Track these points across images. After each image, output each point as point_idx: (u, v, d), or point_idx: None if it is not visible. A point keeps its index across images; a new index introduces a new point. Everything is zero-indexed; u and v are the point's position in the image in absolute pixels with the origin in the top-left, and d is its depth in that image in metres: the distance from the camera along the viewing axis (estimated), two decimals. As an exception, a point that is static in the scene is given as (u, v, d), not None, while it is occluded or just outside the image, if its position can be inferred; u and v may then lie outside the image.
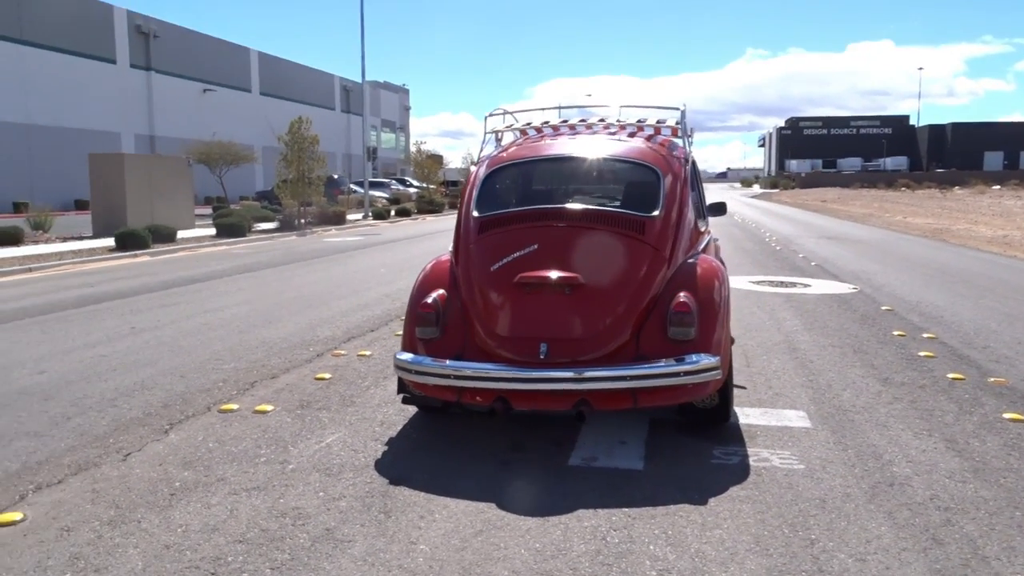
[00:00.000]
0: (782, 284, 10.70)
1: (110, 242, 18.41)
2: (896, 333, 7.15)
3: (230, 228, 21.94)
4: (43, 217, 20.93)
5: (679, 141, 5.35)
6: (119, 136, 44.03)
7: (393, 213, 33.31)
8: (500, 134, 5.64)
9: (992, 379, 5.53)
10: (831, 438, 4.32)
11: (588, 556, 2.95)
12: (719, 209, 6.10)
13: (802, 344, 6.73)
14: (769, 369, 5.86)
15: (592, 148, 4.98)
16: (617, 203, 4.71)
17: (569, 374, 3.86)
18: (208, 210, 32.51)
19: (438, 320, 4.22)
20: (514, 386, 3.93)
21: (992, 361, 6.07)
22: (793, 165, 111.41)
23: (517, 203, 4.62)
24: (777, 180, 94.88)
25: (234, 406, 5.05)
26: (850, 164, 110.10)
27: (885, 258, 14.31)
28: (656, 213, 4.44)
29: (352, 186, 45.28)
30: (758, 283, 10.77)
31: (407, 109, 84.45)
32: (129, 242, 17.93)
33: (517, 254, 4.25)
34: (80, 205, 35.42)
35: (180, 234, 21.23)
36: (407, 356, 4.19)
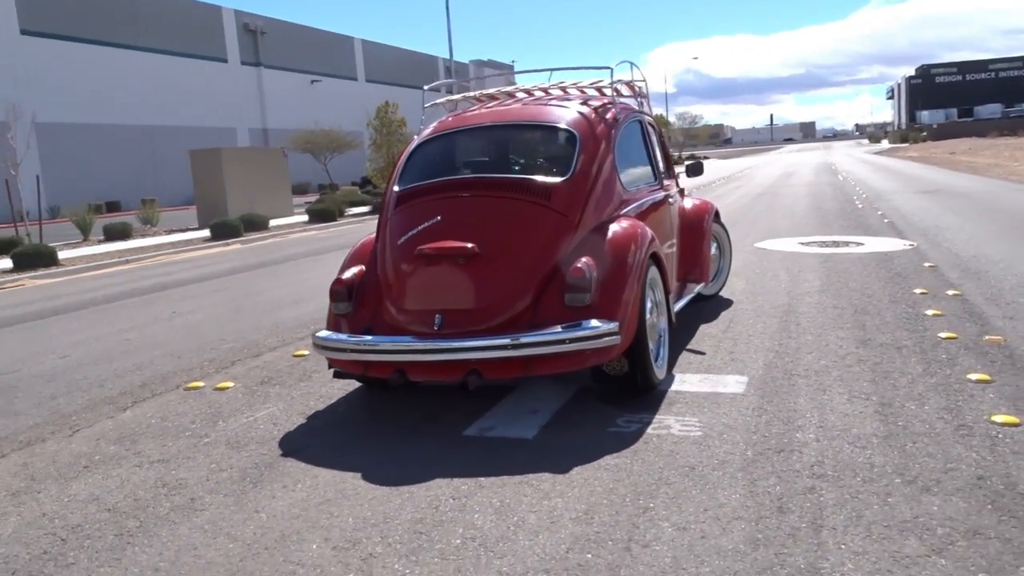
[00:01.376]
0: (834, 244, 10.20)
1: (207, 233, 19.47)
2: (918, 291, 6.73)
3: (321, 214, 22.75)
4: (151, 213, 22.33)
5: (631, 101, 5.24)
6: (235, 131, 46.24)
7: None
8: (456, 105, 5.65)
9: (988, 337, 5.14)
10: (754, 403, 4.14)
11: (408, 525, 2.97)
12: (695, 169, 5.93)
13: (803, 307, 6.43)
14: (745, 333, 5.64)
15: (514, 115, 4.93)
16: (531, 168, 4.63)
17: (455, 344, 3.87)
18: (315, 197, 33.73)
19: (350, 296, 4.31)
20: (407, 357, 3.97)
21: (1007, 318, 5.63)
22: (925, 116, 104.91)
23: (432, 175, 4.63)
24: (907, 133, 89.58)
25: (200, 384, 5.31)
26: (989, 111, 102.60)
27: (973, 212, 13.36)
28: (566, 177, 4.36)
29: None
30: (807, 244, 10.32)
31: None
32: (222, 232, 18.91)
33: (422, 226, 4.27)
34: (110, 207, 37.74)
35: (275, 222, 22.21)
36: (323, 332, 4.30)
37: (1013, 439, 3.46)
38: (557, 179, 4.37)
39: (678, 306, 5.40)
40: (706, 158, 28.90)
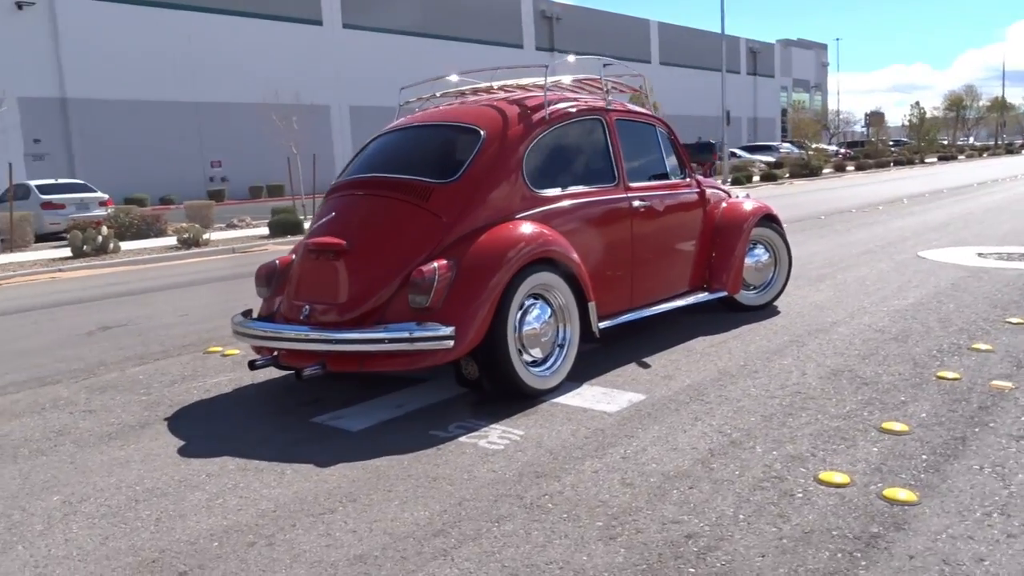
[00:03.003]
0: (1020, 257, 8.70)
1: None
2: (1012, 320, 5.67)
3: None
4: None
5: (592, 98, 5.12)
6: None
7: (757, 179, 32.16)
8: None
9: (997, 383, 4.30)
10: (606, 425, 3.90)
11: (110, 496, 3.32)
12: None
13: (860, 325, 5.70)
14: (720, 351, 5.19)
15: (443, 115, 4.96)
16: (428, 168, 4.63)
17: (300, 334, 4.10)
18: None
19: (269, 282, 4.69)
20: (275, 344, 4.28)
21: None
22: None
23: (351, 173, 4.82)
24: None
25: (218, 348, 6.02)
26: None
27: None
28: (452, 179, 4.37)
29: (737, 151, 44.39)
30: (988, 254, 8.90)
31: (824, 66, 79.19)
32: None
33: (320, 221, 4.54)
34: None
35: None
36: (237, 316, 4.73)
37: None
38: (442, 180, 4.40)
39: (667, 307, 5.27)
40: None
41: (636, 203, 5.11)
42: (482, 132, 4.56)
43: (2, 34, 29.44)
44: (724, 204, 6.16)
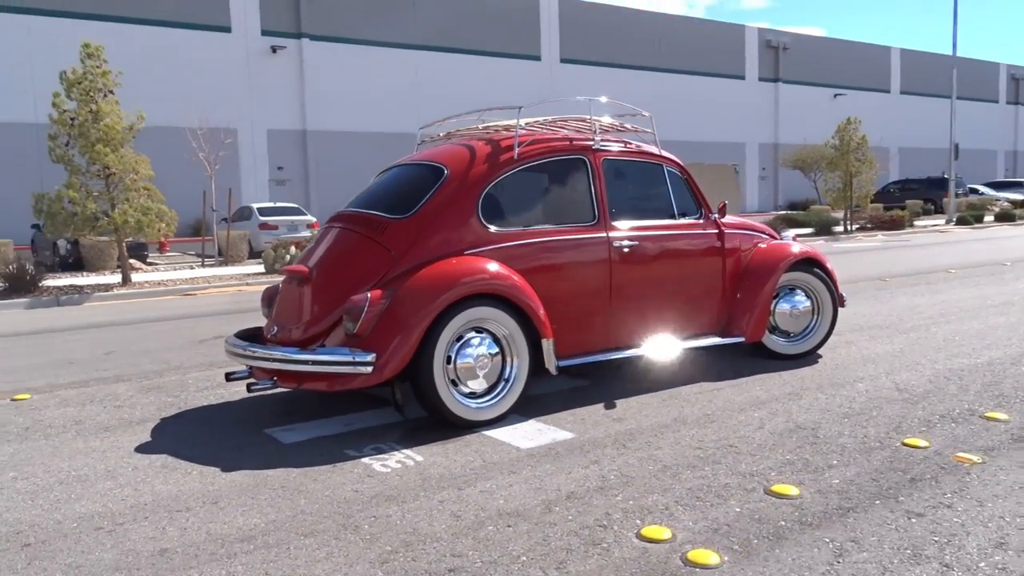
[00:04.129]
0: None
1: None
2: (1077, 390, 5.00)
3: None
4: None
5: (580, 137, 5.20)
6: (743, 146, 47.21)
7: (990, 218, 29.15)
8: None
9: (964, 455, 3.90)
10: (510, 459, 3.98)
11: (47, 478, 3.90)
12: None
13: (886, 382, 5.27)
14: (720, 399, 5.01)
15: (427, 154, 5.20)
16: (396, 204, 4.87)
17: (256, 351, 4.54)
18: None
19: (270, 304, 5.19)
20: (243, 360, 4.74)
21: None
22: None
23: (346, 206, 5.19)
24: None
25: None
26: None
27: None
28: (408, 215, 4.64)
29: (981, 188, 40.49)
30: None
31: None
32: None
33: (306, 249, 4.98)
34: None
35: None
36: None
37: None
38: (398, 216, 4.68)
39: (675, 348, 5.31)
40: None
41: (619, 243, 5.08)
42: (446, 171, 4.80)
43: (258, 74, 33.36)
44: (761, 246, 5.91)
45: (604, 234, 5.04)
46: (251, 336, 4.94)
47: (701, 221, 5.62)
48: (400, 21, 36.48)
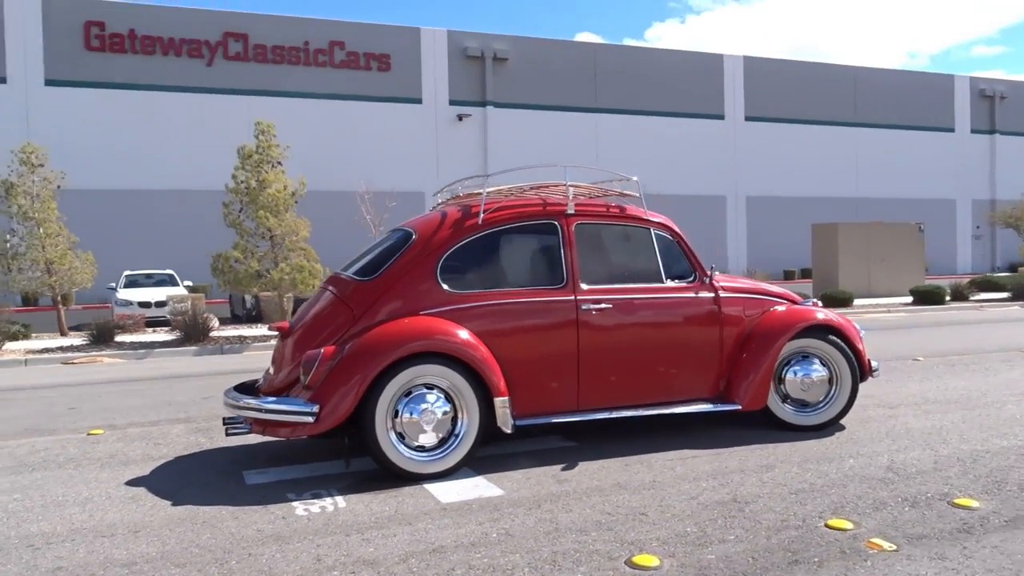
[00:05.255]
0: None
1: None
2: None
3: (924, 295, 21.01)
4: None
5: (556, 202, 5.34)
6: (953, 203, 43.82)
7: None
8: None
9: (877, 540, 3.65)
10: (423, 511, 4.17)
11: (36, 502, 4.53)
12: None
13: (879, 461, 4.93)
14: (680, 469, 4.90)
15: (411, 220, 5.49)
16: (373, 266, 5.17)
17: (235, 400, 5.00)
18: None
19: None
20: (228, 407, 5.17)
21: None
22: None
23: (340, 269, 5.59)
24: None
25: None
26: None
27: None
28: (373, 277, 4.98)
29: None
30: None
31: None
32: (790, 305, 19.39)
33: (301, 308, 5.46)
34: (788, 275, 37.63)
35: (866, 300, 21.46)
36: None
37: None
38: (366, 278, 5.02)
39: (635, 413, 5.22)
40: None
41: (588, 305, 5.14)
42: (414, 236, 5.12)
43: (445, 141, 35.50)
44: (777, 310, 5.71)
45: (571, 297, 5.12)
46: (250, 387, 5.44)
47: (693, 284, 5.53)
48: (581, 85, 37.55)
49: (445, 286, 4.97)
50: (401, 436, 4.68)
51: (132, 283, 21.37)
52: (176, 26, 31.48)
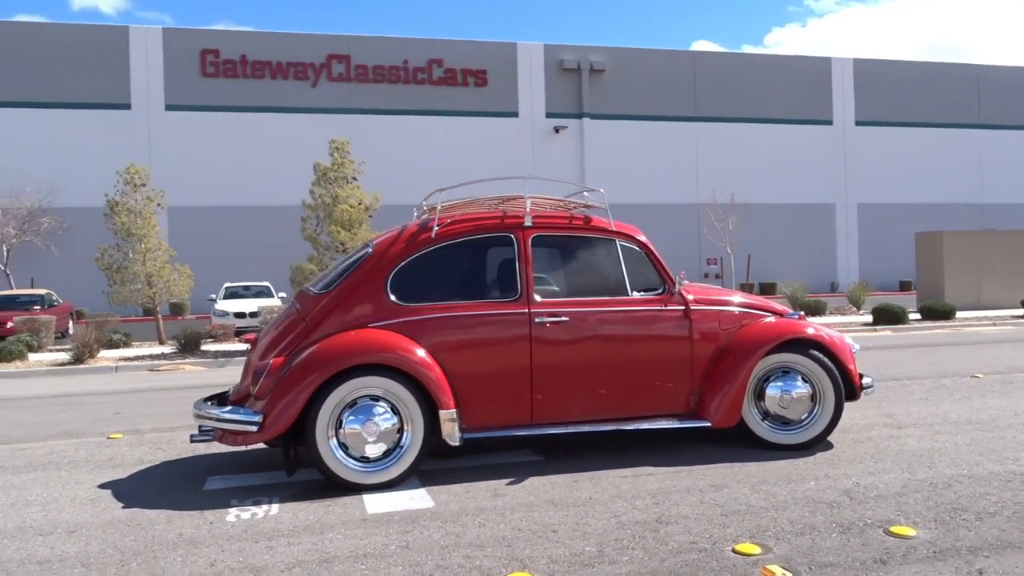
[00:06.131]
0: None
1: (869, 318, 19.28)
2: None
3: (1036, 307, 19.55)
4: (858, 294, 22.77)
5: (513, 215, 5.32)
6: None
7: None
8: None
9: (774, 567, 3.48)
10: (345, 520, 4.24)
11: (11, 503, 4.84)
12: None
13: (844, 484, 4.68)
14: (626, 488, 4.77)
15: (379, 235, 5.56)
16: (333, 281, 5.27)
17: (196, 409, 5.18)
18: None
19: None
20: (195, 415, 5.38)
21: None
22: None
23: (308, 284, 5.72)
24: None
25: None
26: None
27: None
28: (328, 290, 5.10)
29: None
30: None
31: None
32: (883, 317, 18.54)
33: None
34: (903, 286, 35.65)
35: (969, 313, 20.18)
36: None
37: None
38: (323, 292, 5.13)
39: (591, 429, 5.15)
40: None
41: (542, 318, 5.08)
42: (370, 250, 5.20)
43: (541, 153, 35.67)
44: (753, 323, 5.49)
45: (525, 309, 5.08)
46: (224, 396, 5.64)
47: (661, 297, 5.37)
48: (680, 94, 36.99)
49: (395, 299, 5.02)
50: (345, 447, 4.76)
51: (232, 294, 22.42)
52: (284, 50, 33.01)
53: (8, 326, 18.27)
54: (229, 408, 4.93)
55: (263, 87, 32.81)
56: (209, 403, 5.26)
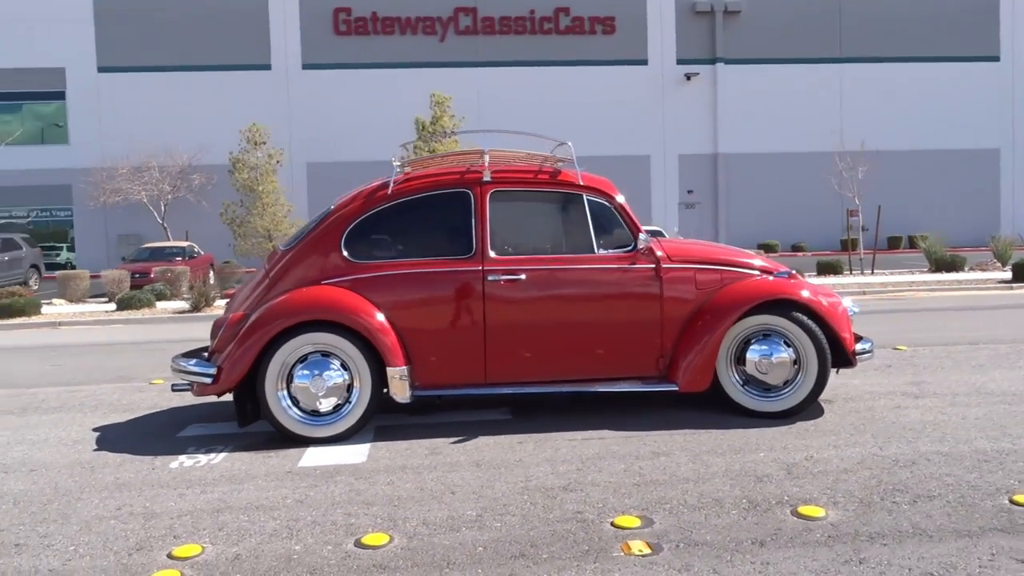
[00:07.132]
0: None
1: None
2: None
3: None
4: (1005, 248, 20.79)
5: (470, 169, 5.20)
6: None
7: None
8: None
9: (638, 542, 3.33)
10: (280, 472, 4.37)
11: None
12: None
13: (818, 458, 4.39)
14: (571, 453, 4.65)
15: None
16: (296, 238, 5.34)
17: (172, 362, 5.43)
18: None
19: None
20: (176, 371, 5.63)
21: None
22: None
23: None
24: None
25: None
26: None
27: None
28: (290, 248, 5.19)
29: None
30: None
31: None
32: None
33: (254, 277, 5.82)
34: None
35: None
36: None
37: None
38: (288, 248, 5.21)
39: (552, 390, 5.13)
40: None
41: (495, 276, 4.96)
42: (335, 206, 5.22)
43: (671, 102, 34.56)
44: (735, 282, 5.16)
45: (479, 267, 4.98)
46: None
47: (630, 255, 5.12)
48: (823, 35, 34.73)
49: (348, 256, 5.05)
50: (296, 400, 4.87)
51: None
52: (412, 5, 33.43)
53: (150, 275, 19.76)
54: (194, 361, 5.15)
55: (393, 43, 33.42)
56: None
